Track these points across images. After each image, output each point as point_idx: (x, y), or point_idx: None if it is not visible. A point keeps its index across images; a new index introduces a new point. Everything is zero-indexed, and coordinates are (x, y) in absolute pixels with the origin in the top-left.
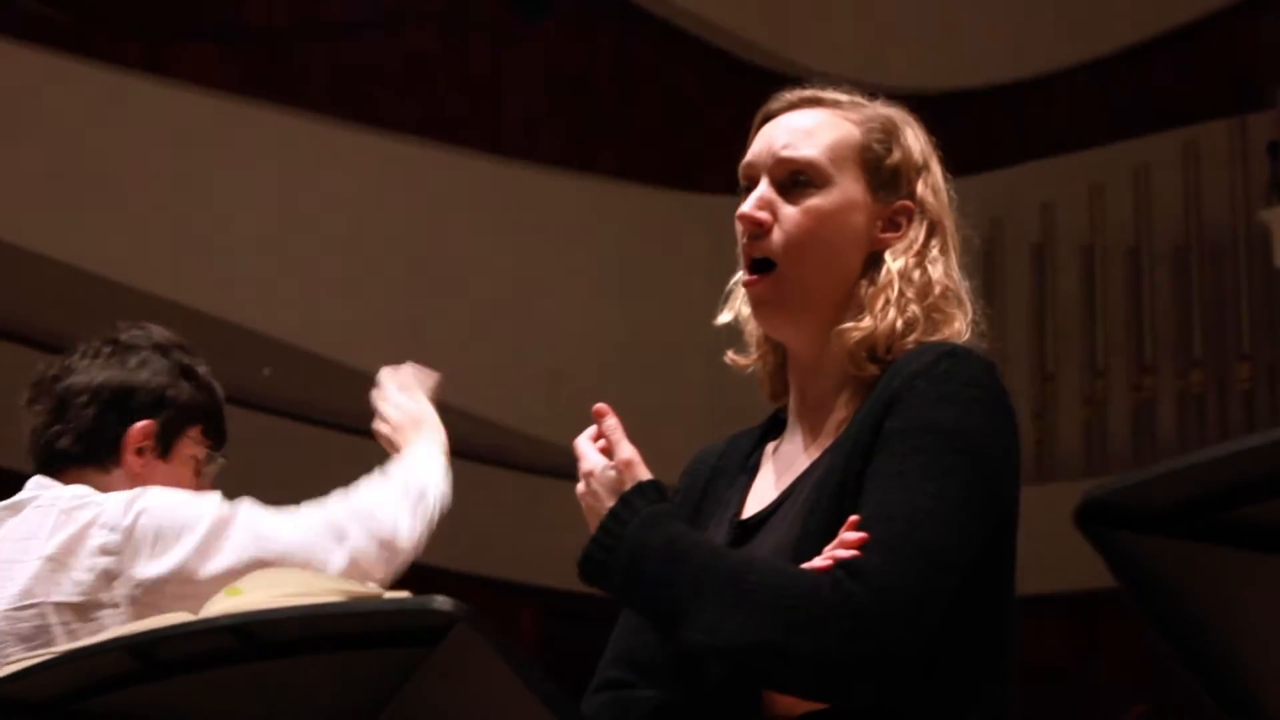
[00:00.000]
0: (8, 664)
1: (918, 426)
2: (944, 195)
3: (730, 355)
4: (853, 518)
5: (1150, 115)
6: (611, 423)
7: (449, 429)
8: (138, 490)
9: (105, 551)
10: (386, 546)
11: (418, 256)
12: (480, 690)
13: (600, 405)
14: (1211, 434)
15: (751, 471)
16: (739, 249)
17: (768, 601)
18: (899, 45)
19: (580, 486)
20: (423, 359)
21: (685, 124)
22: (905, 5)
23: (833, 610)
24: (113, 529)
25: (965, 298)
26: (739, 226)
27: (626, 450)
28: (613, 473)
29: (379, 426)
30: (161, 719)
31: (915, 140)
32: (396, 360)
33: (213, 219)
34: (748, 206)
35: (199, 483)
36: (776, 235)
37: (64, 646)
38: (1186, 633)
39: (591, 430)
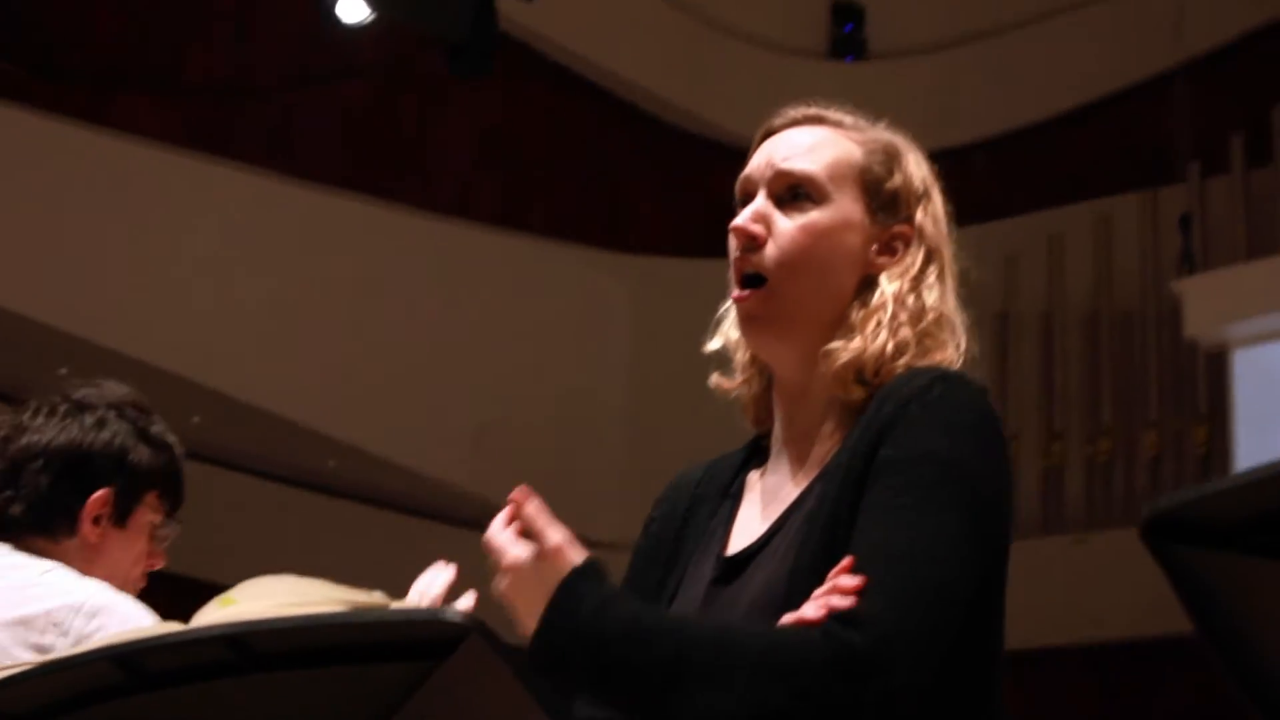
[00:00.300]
0: None
1: (914, 455)
2: (943, 225)
3: (715, 379)
4: (846, 559)
5: (1065, 187)
6: (533, 507)
7: (373, 479)
8: (105, 600)
9: (41, 651)
10: None
11: (349, 309)
12: (489, 706)
13: (519, 491)
14: (1117, 502)
15: (735, 499)
16: (731, 263)
17: (762, 669)
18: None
19: (500, 581)
20: (352, 410)
21: (612, 185)
22: (826, 74)
23: (833, 666)
24: (64, 632)
25: (959, 327)
26: (732, 240)
27: (555, 535)
28: (543, 562)
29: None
30: None
31: (917, 167)
32: (326, 410)
33: (149, 268)
34: (742, 219)
35: (153, 549)
36: (770, 250)
37: (46, 656)
38: (1244, 652)
39: (502, 517)
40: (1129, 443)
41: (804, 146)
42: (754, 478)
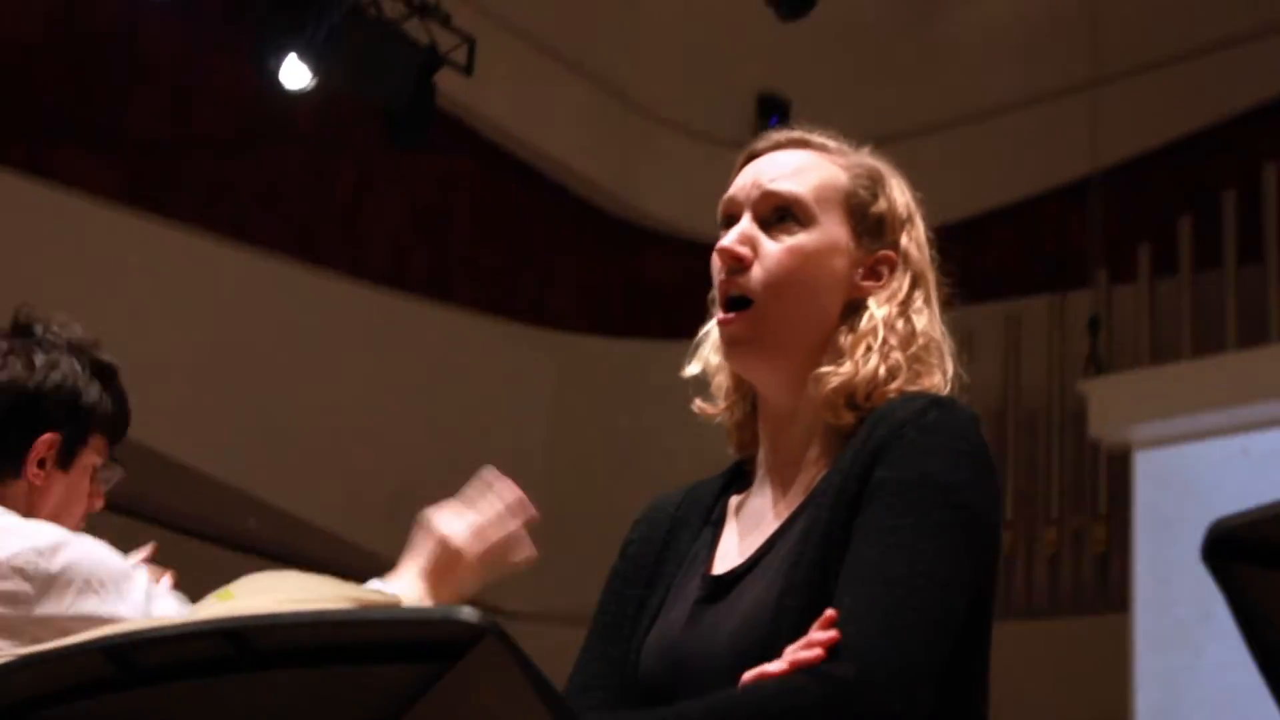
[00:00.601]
0: None
1: (912, 478)
2: (927, 251)
3: (698, 404)
4: (829, 612)
5: (977, 287)
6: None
7: (292, 540)
8: (61, 536)
9: (13, 602)
10: None
11: (278, 371)
12: (500, 713)
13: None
14: (1018, 596)
15: (716, 525)
16: (715, 286)
17: None
18: None
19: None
20: (275, 470)
21: (539, 263)
22: None
23: (826, 704)
24: (28, 576)
25: (947, 353)
26: (716, 262)
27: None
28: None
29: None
30: None
31: (901, 193)
32: (250, 469)
33: (79, 318)
34: (728, 241)
35: (94, 490)
36: (756, 272)
37: (15, 604)
38: None
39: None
40: (1030, 538)
41: (790, 168)
42: (735, 502)
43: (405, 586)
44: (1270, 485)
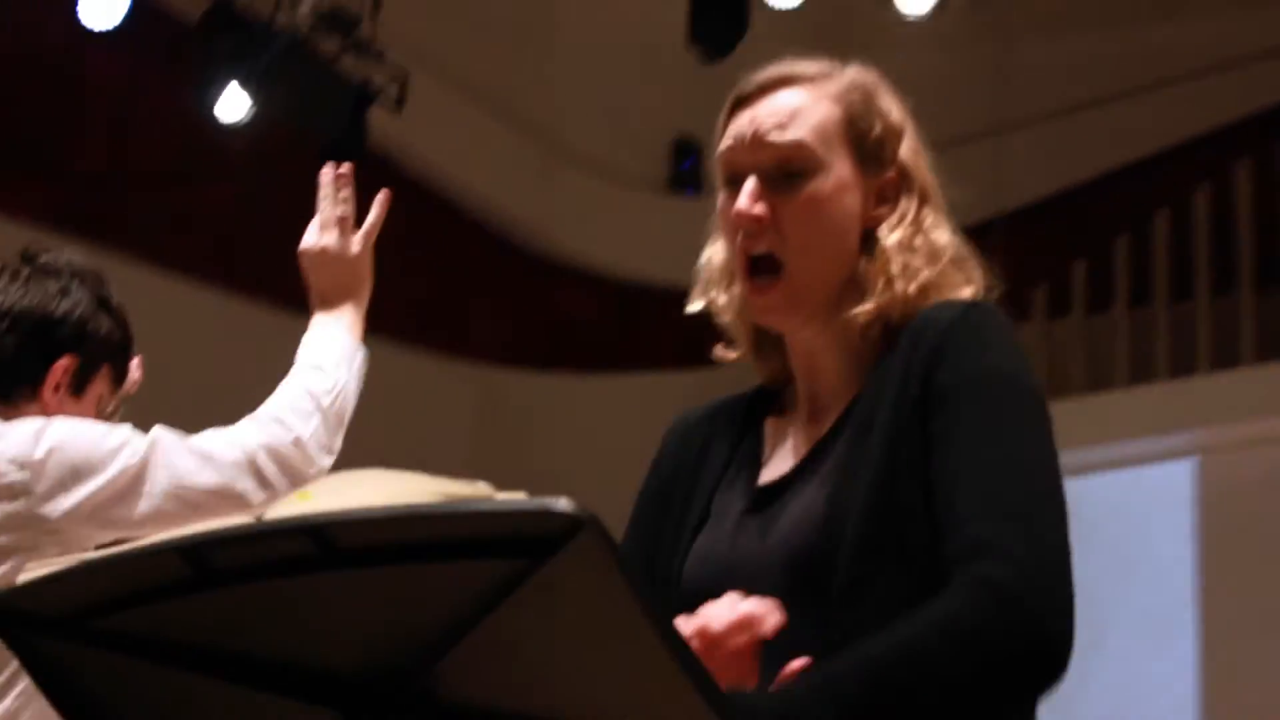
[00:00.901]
0: None
1: (981, 375)
2: (924, 156)
3: (719, 350)
4: (795, 664)
5: None
6: None
7: None
8: (42, 421)
9: (13, 494)
10: (299, 477)
11: (211, 399)
12: (592, 611)
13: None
14: None
15: (754, 441)
16: (734, 248)
17: (956, 660)
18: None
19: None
20: None
21: (459, 297)
22: (665, 207)
23: (998, 624)
24: (21, 465)
25: (972, 261)
26: (731, 224)
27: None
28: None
29: (321, 240)
30: (209, 632)
31: (892, 104)
32: None
33: None
34: (743, 202)
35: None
36: (780, 232)
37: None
38: None
39: None
40: None
41: (787, 112)
42: (772, 424)
43: (334, 322)
44: (1164, 517)
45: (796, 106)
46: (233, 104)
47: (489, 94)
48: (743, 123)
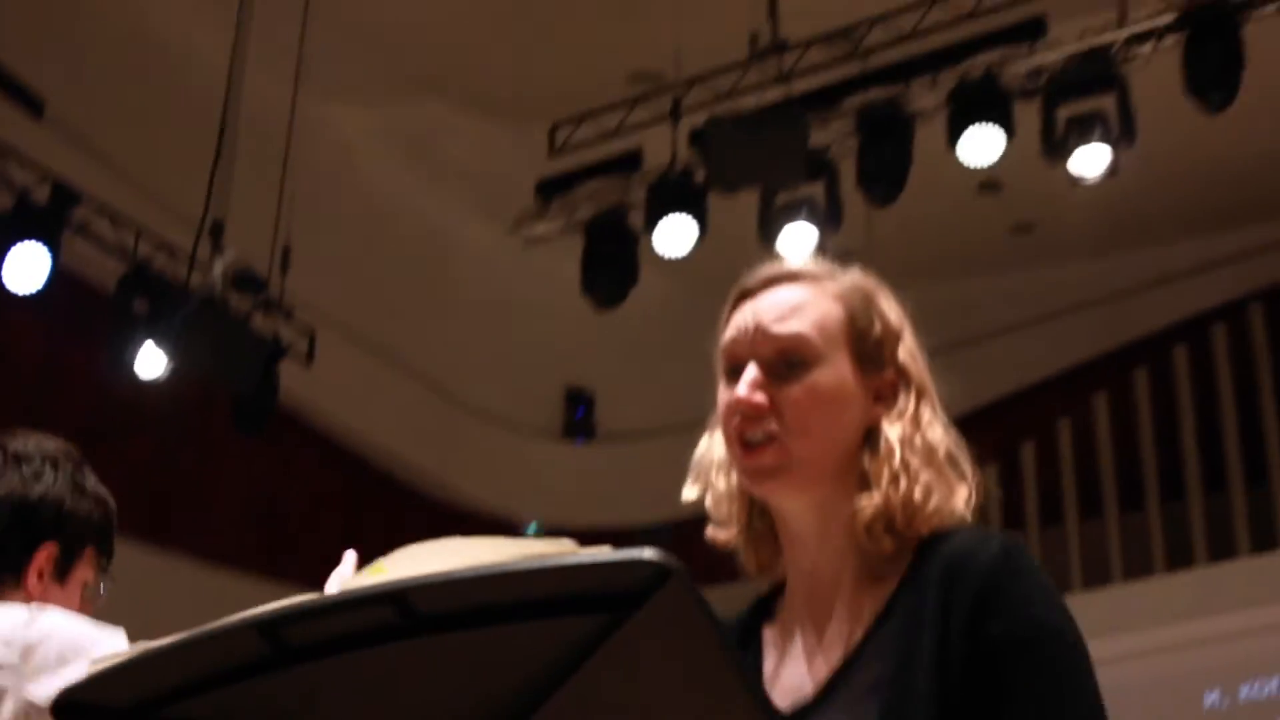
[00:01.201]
0: None
1: (1033, 634)
2: (920, 358)
3: (710, 531)
4: None
5: None
6: None
7: None
8: (36, 606)
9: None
10: None
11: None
12: (679, 662)
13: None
14: None
15: (756, 654)
16: (730, 435)
17: None
18: (553, 486)
19: None
20: None
21: (366, 547)
22: (560, 454)
23: None
24: (8, 643)
25: (962, 459)
26: (729, 411)
27: None
28: None
29: None
30: (285, 715)
31: (891, 307)
32: None
33: None
34: (743, 390)
35: (85, 609)
36: (780, 417)
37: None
38: None
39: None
40: None
41: (788, 306)
42: (770, 633)
43: None
44: None
45: (799, 302)
46: (150, 361)
47: (390, 349)
48: (745, 315)
